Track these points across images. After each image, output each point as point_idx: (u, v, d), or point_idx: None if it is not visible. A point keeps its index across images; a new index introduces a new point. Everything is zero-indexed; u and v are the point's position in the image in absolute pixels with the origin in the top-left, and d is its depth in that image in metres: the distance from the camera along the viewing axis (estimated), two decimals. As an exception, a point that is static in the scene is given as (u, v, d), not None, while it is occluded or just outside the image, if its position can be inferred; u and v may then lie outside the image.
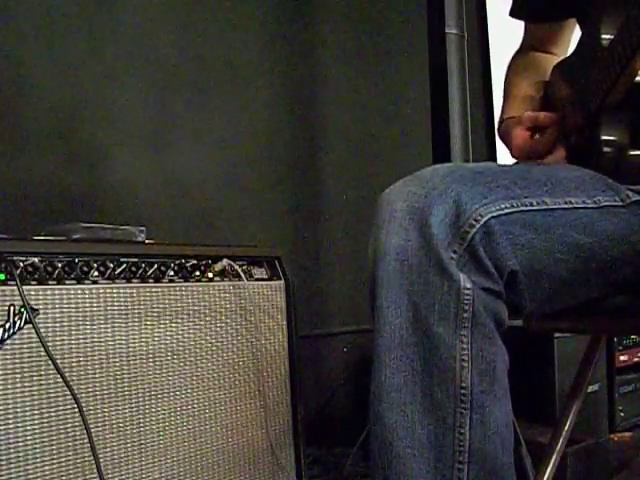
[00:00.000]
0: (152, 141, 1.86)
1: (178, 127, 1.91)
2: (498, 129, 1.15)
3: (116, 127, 1.78)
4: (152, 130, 1.86)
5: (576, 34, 1.17)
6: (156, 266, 1.24)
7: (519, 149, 1.04)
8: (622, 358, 2.18)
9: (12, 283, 1.03)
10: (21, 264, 1.06)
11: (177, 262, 1.28)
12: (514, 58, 1.25)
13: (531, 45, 1.24)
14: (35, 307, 1.05)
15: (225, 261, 1.35)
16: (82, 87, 1.73)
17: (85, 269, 1.14)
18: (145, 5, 1.87)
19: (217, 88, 2.00)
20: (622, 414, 2.14)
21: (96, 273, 1.15)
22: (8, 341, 1.02)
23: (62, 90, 1.70)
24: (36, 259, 1.08)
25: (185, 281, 1.28)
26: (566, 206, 0.78)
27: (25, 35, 1.64)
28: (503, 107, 1.17)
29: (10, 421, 1.01)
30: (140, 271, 1.22)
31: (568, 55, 1.11)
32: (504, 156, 1.10)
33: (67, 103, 1.71)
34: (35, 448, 1.03)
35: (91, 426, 1.08)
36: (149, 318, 1.21)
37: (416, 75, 2.21)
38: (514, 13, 1.21)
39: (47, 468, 1.04)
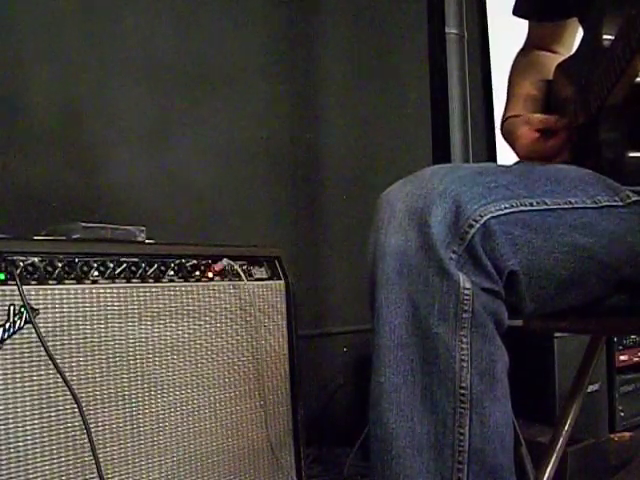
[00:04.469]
0: (152, 141, 1.86)
1: (178, 127, 1.91)
2: (501, 127, 1.15)
3: (116, 127, 1.78)
4: (152, 130, 1.86)
5: (580, 33, 1.18)
6: (156, 266, 1.24)
7: (525, 149, 1.04)
8: (622, 358, 2.18)
9: (12, 283, 1.03)
10: (21, 264, 1.06)
11: (177, 262, 1.28)
12: (518, 57, 1.25)
13: (534, 44, 1.24)
14: (35, 307, 1.05)
15: (225, 261, 1.35)
16: (82, 87, 1.73)
17: (85, 269, 1.14)
18: (145, 5, 1.87)
19: (217, 88, 2.00)
20: (622, 414, 2.14)
21: (96, 273, 1.15)
22: (8, 341, 1.02)
23: (62, 90, 1.70)
24: (36, 259, 1.08)
25: (185, 281, 1.28)
26: (566, 206, 0.78)
27: (25, 35, 1.64)
28: (506, 106, 1.17)
29: (10, 421, 1.01)
30: (140, 271, 1.22)
31: (571, 54, 1.11)
32: (504, 156, 1.11)
33: (67, 103, 1.71)
34: (35, 448, 1.03)
35: (91, 426, 1.08)
36: (149, 318, 1.21)
37: (416, 75, 2.21)
38: (517, 12, 1.22)
39: (47, 468, 1.04)
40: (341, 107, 2.32)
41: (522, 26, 1.25)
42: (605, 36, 0.89)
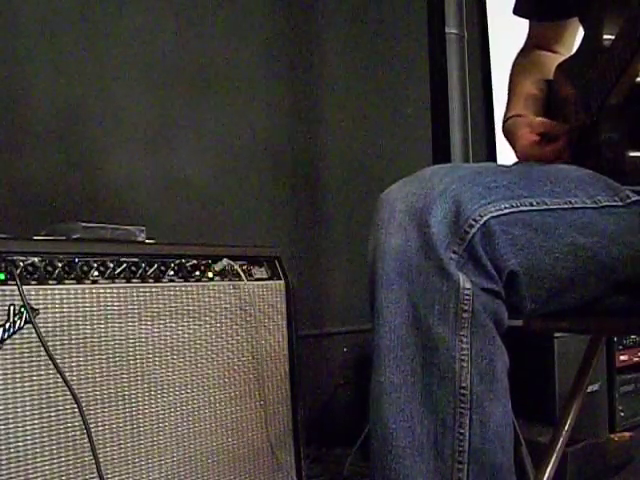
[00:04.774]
0: (152, 141, 1.86)
1: (178, 127, 1.91)
2: (503, 126, 1.15)
3: (116, 127, 1.78)
4: (152, 130, 1.86)
5: (580, 32, 1.17)
6: (156, 266, 1.24)
7: (524, 151, 1.03)
8: (622, 358, 2.18)
9: (12, 283, 1.03)
10: (21, 264, 1.06)
11: (177, 262, 1.28)
12: (518, 56, 1.25)
13: (535, 44, 1.24)
14: (35, 307, 1.05)
15: (225, 261, 1.35)
16: (82, 87, 1.73)
17: (85, 269, 1.14)
18: (145, 5, 1.87)
19: (217, 88, 2.00)
20: (622, 414, 2.14)
21: (96, 273, 1.15)
22: (8, 341, 1.02)
23: (62, 90, 1.70)
24: (36, 259, 1.08)
25: (185, 281, 1.28)
26: (566, 206, 0.78)
27: (25, 35, 1.64)
28: (507, 105, 1.17)
29: (10, 421, 1.01)
30: (140, 271, 1.22)
31: (572, 54, 1.11)
32: (504, 156, 1.11)
33: (67, 103, 1.71)
34: (35, 448, 1.03)
35: (91, 426, 1.08)
36: (149, 318, 1.21)
37: (416, 75, 2.21)
38: (517, 11, 1.22)
39: (47, 468, 1.04)
40: (341, 107, 2.32)
41: (522, 26, 1.25)
42: (605, 36, 0.89)
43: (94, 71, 1.75)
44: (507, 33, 1.57)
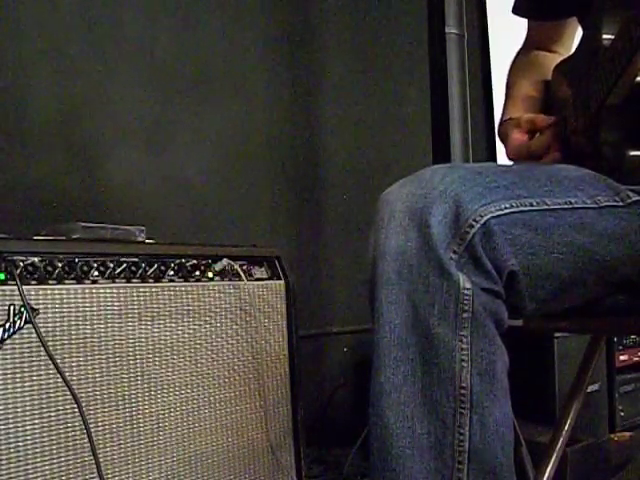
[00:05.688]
0: (152, 141, 1.86)
1: (178, 127, 1.91)
2: (498, 130, 1.15)
3: (116, 127, 1.78)
4: (152, 130, 1.86)
5: (579, 33, 1.17)
6: (156, 266, 1.24)
7: (514, 151, 1.04)
8: (622, 358, 2.18)
9: (12, 283, 1.03)
10: (21, 264, 1.06)
11: (177, 262, 1.28)
12: (517, 57, 1.25)
13: (534, 43, 1.24)
14: (35, 307, 1.05)
15: (225, 261, 1.35)
16: (82, 87, 1.73)
17: (85, 269, 1.14)
18: (145, 5, 1.87)
19: (217, 88, 2.00)
20: (622, 414, 2.14)
21: (96, 273, 1.15)
22: (8, 341, 1.02)
23: (62, 90, 1.70)
24: (36, 259, 1.08)
25: (185, 281, 1.28)
26: (566, 206, 0.78)
27: (25, 35, 1.64)
28: (504, 107, 1.17)
29: (10, 421, 1.01)
30: (140, 271, 1.22)
31: (570, 54, 1.11)
32: (504, 156, 1.11)
33: (67, 103, 1.71)
34: (35, 448, 1.03)
35: (91, 426, 1.08)
36: (149, 318, 1.21)
37: (416, 75, 2.21)
38: (516, 10, 1.21)
39: (47, 468, 1.04)
40: (341, 107, 2.32)
41: (522, 26, 1.25)
42: (605, 35, 0.89)
43: (94, 71, 1.75)
44: (507, 33, 1.57)
